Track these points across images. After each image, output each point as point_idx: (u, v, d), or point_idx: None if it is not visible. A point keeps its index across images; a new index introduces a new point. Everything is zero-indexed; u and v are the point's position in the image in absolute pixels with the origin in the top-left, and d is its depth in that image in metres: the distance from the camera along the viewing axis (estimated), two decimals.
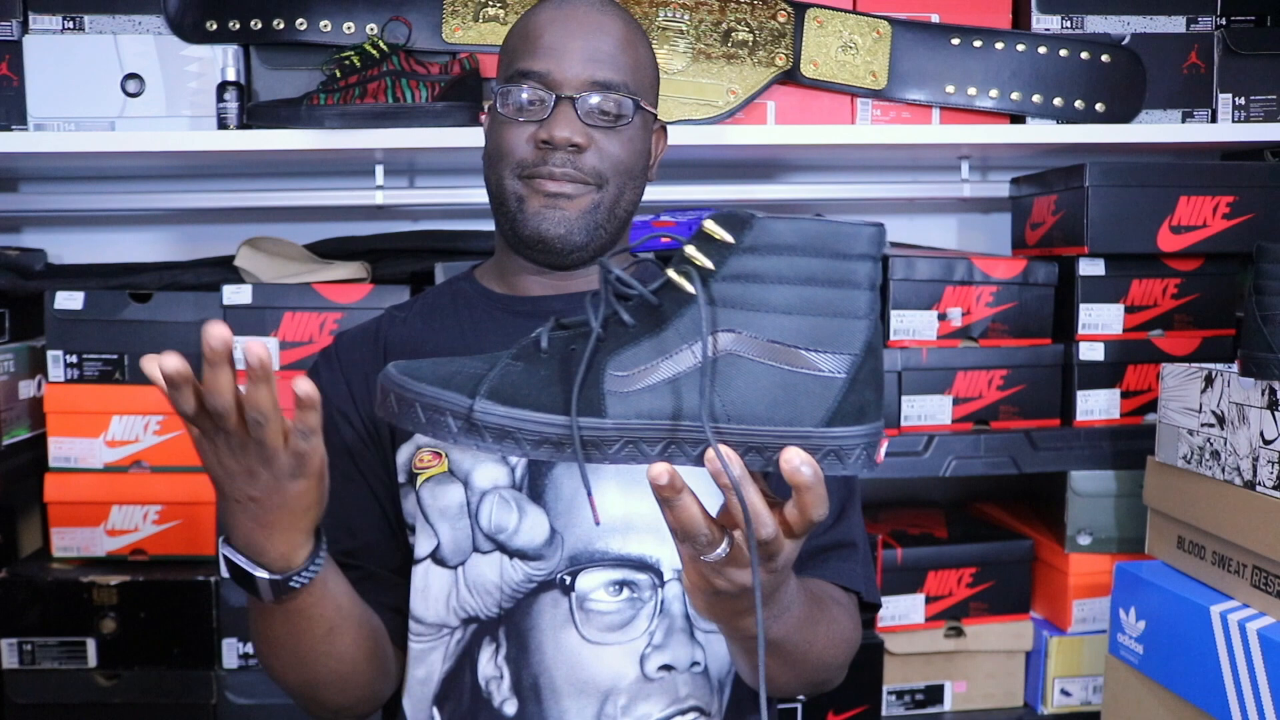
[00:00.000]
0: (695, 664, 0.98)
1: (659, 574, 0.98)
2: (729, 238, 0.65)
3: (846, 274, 0.65)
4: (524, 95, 1.00)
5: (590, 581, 0.97)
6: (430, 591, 1.00)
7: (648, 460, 0.67)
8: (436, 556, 0.99)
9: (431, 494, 0.99)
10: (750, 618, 0.75)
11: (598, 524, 0.93)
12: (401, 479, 1.03)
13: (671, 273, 0.66)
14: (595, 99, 0.99)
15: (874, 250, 0.66)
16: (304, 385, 0.71)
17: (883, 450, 0.68)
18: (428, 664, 1.00)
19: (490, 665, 0.98)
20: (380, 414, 0.72)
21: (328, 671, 0.92)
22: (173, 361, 0.69)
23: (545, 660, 0.97)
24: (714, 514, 0.69)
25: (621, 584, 0.97)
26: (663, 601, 0.97)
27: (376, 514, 1.04)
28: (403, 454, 1.02)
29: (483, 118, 1.10)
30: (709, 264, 0.65)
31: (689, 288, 0.65)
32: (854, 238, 0.65)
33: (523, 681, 0.97)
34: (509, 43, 1.05)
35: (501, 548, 0.97)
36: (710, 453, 0.65)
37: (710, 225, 0.65)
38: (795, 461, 0.64)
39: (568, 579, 0.97)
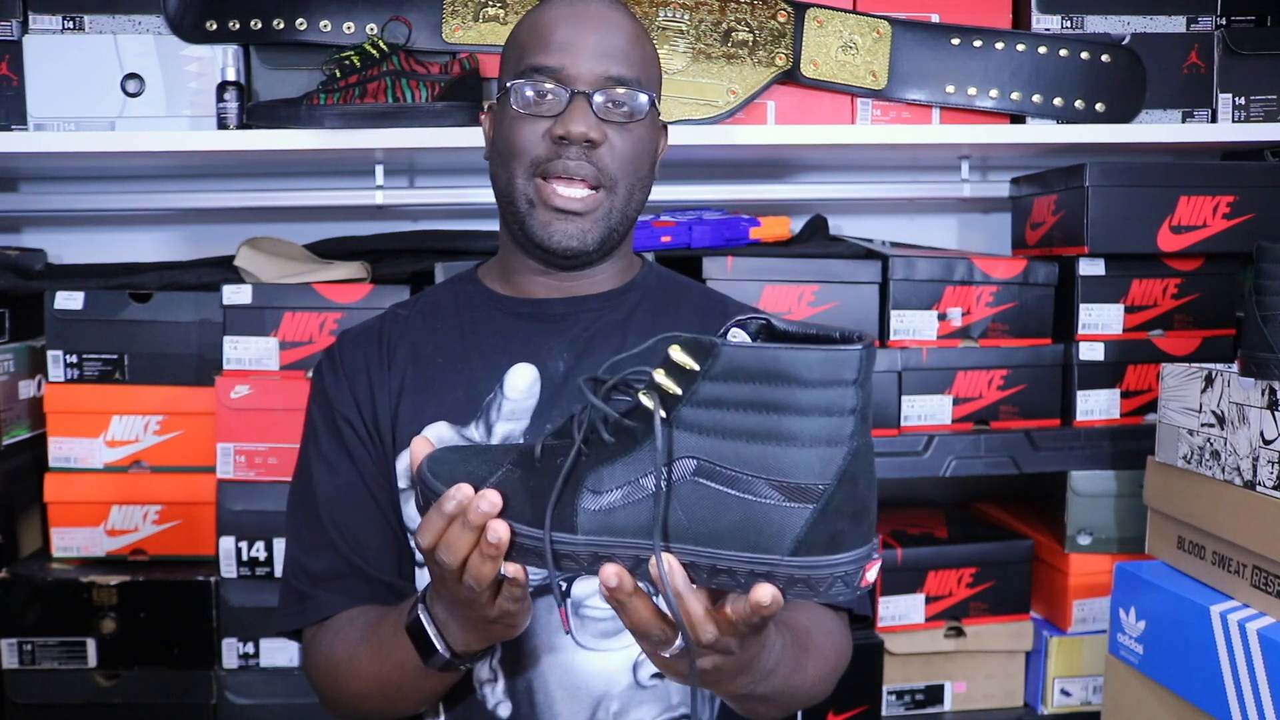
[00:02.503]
0: None
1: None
2: (694, 364, 0.65)
3: (824, 404, 0.63)
4: (538, 91, 0.99)
5: (586, 588, 0.97)
6: None
7: None
8: None
9: None
10: (730, 684, 0.78)
11: (567, 632, 0.96)
12: (403, 484, 1.02)
13: (642, 397, 0.67)
14: (611, 95, 0.99)
15: (856, 375, 0.63)
16: (511, 568, 0.74)
17: (871, 573, 0.66)
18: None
19: (484, 668, 0.98)
20: (417, 504, 0.78)
21: (408, 708, 0.98)
22: (477, 500, 0.73)
23: (539, 665, 0.97)
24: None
25: None
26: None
27: (379, 521, 1.04)
28: (403, 460, 1.02)
29: (482, 117, 1.09)
30: (676, 389, 0.65)
31: (652, 410, 0.67)
32: (830, 365, 0.63)
33: (516, 685, 0.97)
34: (517, 38, 1.04)
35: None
36: (653, 560, 0.66)
37: (676, 352, 0.66)
38: (764, 598, 0.65)
39: (563, 585, 0.97)
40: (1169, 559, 1.42)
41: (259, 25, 1.55)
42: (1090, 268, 1.61)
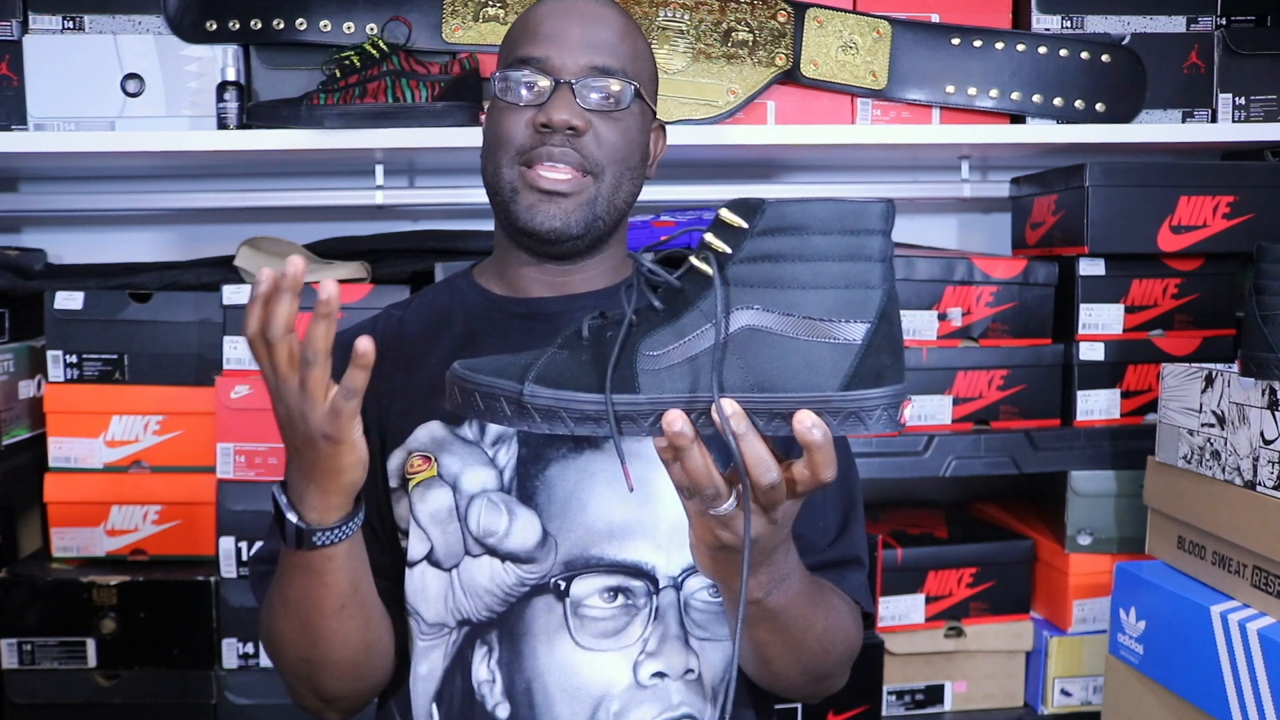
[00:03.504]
0: (689, 671, 0.98)
1: (654, 581, 0.97)
2: (742, 223, 0.70)
3: (857, 249, 0.69)
4: (522, 80, 1.00)
5: (585, 587, 0.97)
6: (429, 593, 0.99)
7: None
8: (431, 559, 0.99)
9: (422, 498, 0.99)
10: (751, 578, 0.79)
11: (631, 490, 0.90)
12: (394, 484, 1.02)
13: (693, 259, 0.72)
14: (594, 84, 0.99)
15: (883, 225, 0.70)
16: (364, 343, 0.76)
17: (906, 412, 0.73)
18: (430, 661, 1.00)
19: (483, 668, 0.98)
20: (449, 406, 0.77)
21: (330, 652, 0.93)
22: (279, 271, 0.75)
23: (538, 665, 0.97)
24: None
25: (616, 590, 0.97)
26: (657, 609, 0.97)
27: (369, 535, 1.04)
28: (395, 460, 1.02)
29: (483, 117, 1.10)
30: (726, 248, 0.70)
31: (708, 270, 0.71)
32: (862, 215, 0.69)
33: (515, 686, 0.97)
34: (509, 36, 1.05)
35: (492, 551, 0.97)
36: (713, 408, 0.69)
37: (725, 213, 0.71)
38: (807, 423, 0.69)
39: (562, 584, 0.96)
40: (1169, 559, 1.42)
41: (259, 25, 1.55)
42: (1090, 268, 1.61)
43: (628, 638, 0.96)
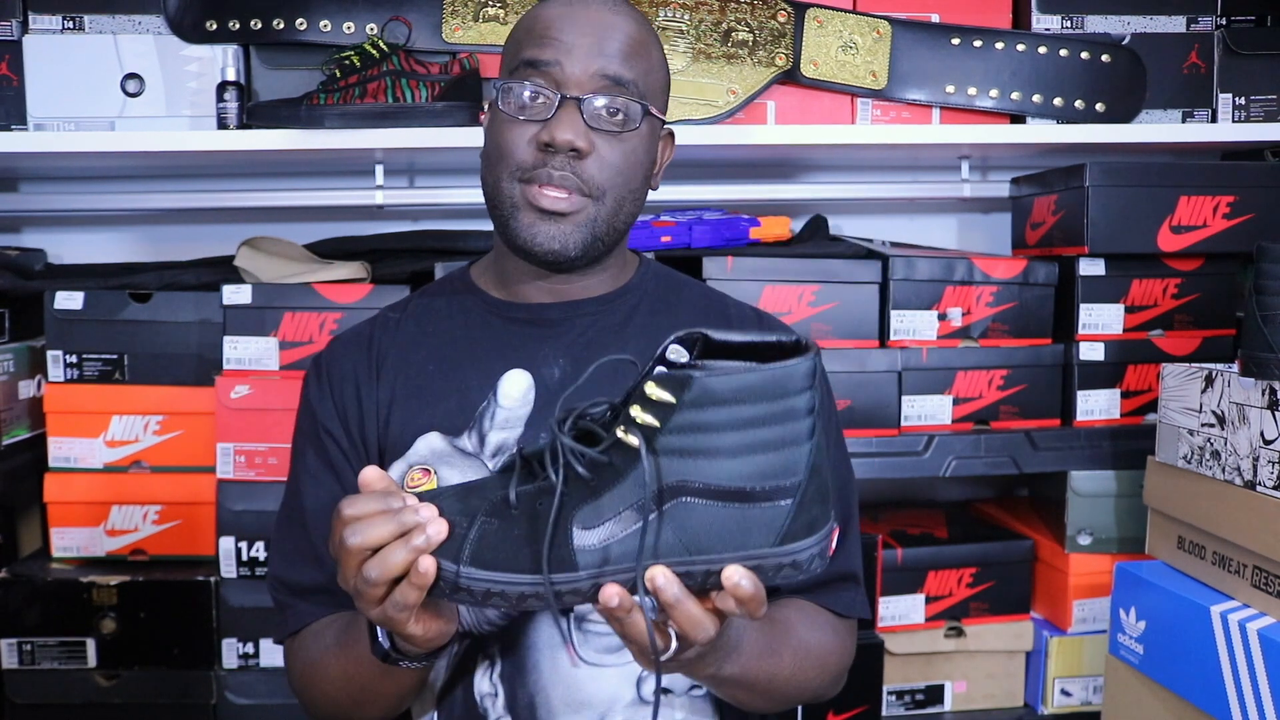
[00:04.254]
0: (694, 687, 0.97)
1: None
2: (670, 398, 0.69)
3: (786, 412, 0.70)
4: (527, 93, 0.95)
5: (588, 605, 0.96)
6: None
7: None
8: None
9: None
10: (701, 670, 0.83)
11: (574, 666, 0.95)
12: None
13: (620, 433, 0.71)
14: (602, 101, 0.95)
15: (810, 381, 0.70)
16: (425, 562, 0.72)
17: (834, 540, 0.75)
18: (434, 670, 0.99)
19: (485, 681, 0.97)
20: None
21: (375, 713, 0.97)
22: (423, 540, 0.73)
23: (541, 680, 0.96)
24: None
25: None
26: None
27: None
28: (394, 472, 0.99)
29: (482, 117, 1.07)
30: (654, 421, 0.70)
31: (634, 444, 0.70)
32: (789, 378, 0.69)
33: (518, 700, 0.96)
34: (515, 35, 1.01)
35: None
36: (639, 586, 0.71)
37: (651, 388, 0.70)
38: (734, 577, 0.70)
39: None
40: (1169, 559, 1.42)
41: (259, 25, 1.55)
42: (1090, 268, 1.61)
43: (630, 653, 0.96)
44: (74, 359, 1.56)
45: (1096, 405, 1.62)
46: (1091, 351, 1.61)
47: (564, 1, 0.98)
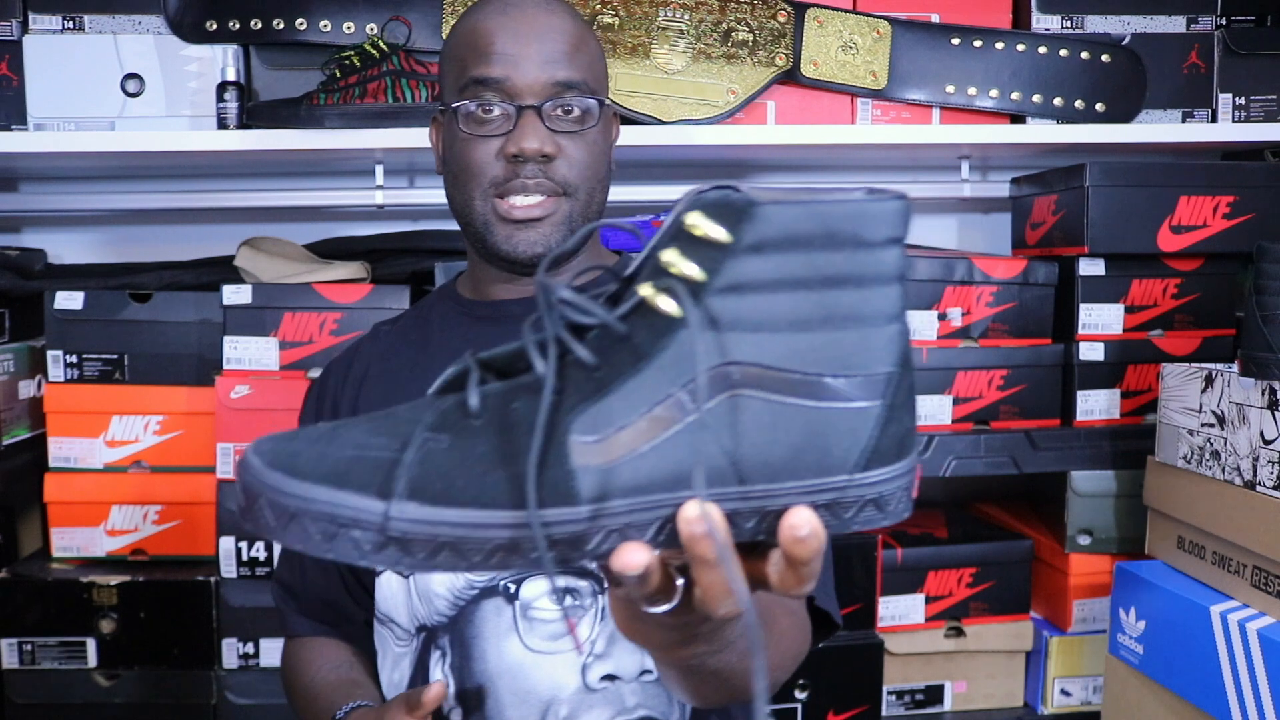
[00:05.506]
0: (646, 673, 0.95)
1: (599, 580, 0.95)
2: (725, 235, 0.48)
3: (874, 267, 0.49)
4: (484, 109, 0.97)
5: (535, 589, 0.95)
6: (396, 599, 1.00)
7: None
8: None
9: None
10: (684, 649, 0.59)
11: (580, 653, 0.93)
12: None
13: (646, 289, 0.49)
14: (559, 104, 0.97)
15: (901, 230, 0.50)
16: (436, 688, 0.86)
17: (917, 483, 0.54)
18: (400, 669, 1.01)
19: (438, 673, 0.97)
20: (248, 528, 0.49)
21: None
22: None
23: (488, 669, 0.95)
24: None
25: (564, 591, 0.95)
26: (604, 609, 0.94)
27: (334, 580, 1.08)
28: None
29: (430, 131, 1.07)
30: (699, 274, 0.48)
31: (673, 309, 0.48)
32: (877, 217, 0.49)
33: (467, 690, 0.96)
34: (455, 52, 1.01)
35: None
36: (689, 516, 0.47)
37: (695, 219, 0.48)
38: (802, 530, 0.48)
39: (512, 587, 0.95)
40: (1169, 559, 1.42)
41: (259, 25, 1.55)
42: (1090, 268, 1.61)
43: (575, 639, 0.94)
44: (74, 359, 1.56)
45: (1096, 405, 1.62)
46: (1091, 351, 1.61)
47: (498, 10, 0.99)
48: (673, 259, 0.49)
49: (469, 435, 0.49)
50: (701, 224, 0.48)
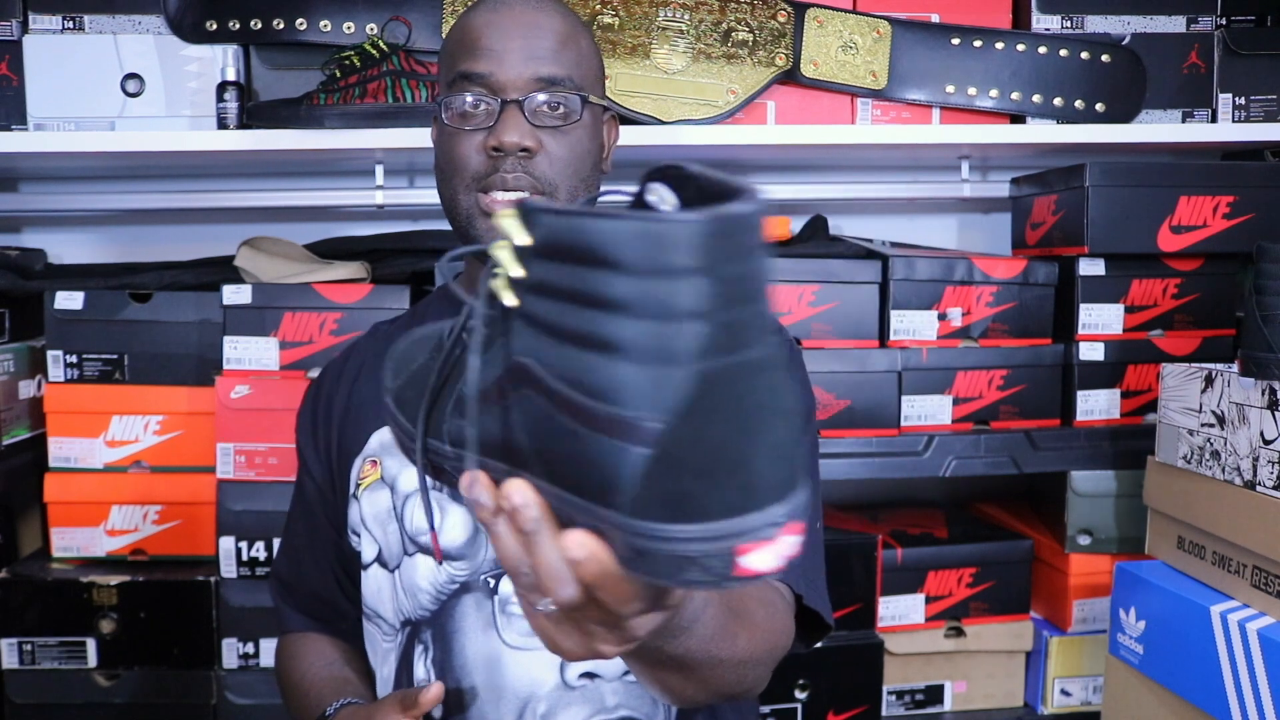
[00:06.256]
0: (628, 673, 0.94)
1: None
2: (527, 237, 0.47)
3: (647, 297, 0.42)
4: (468, 102, 0.97)
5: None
6: (382, 594, 1.00)
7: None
8: (380, 560, 1.01)
9: (369, 501, 1.01)
10: (612, 645, 0.55)
11: (439, 563, 0.94)
12: (352, 490, 1.04)
13: (497, 280, 0.51)
14: (541, 98, 0.97)
15: (692, 260, 0.41)
16: (435, 689, 0.90)
17: (758, 557, 0.44)
18: (389, 664, 1.01)
19: (420, 668, 0.97)
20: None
21: None
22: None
23: (467, 664, 0.95)
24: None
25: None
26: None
27: (329, 578, 1.10)
28: (355, 468, 1.05)
29: (432, 132, 1.08)
30: (520, 270, 0.48)
31: (505, 298, 0.50)
32: (650, 240, 0.42)
33: (447, 685, 0.96)
34: (447, 48, 1.02)
35: (425, 549, 0.97)
36: (510, 488, 0.48)
37: (506, 218, 0.48)
38: (575, 549, 0.47)
39: (491, 581, 0.95)
40: (1169, 559, 1.42)
41: (259, 25, 1.55)
42: (1090, 268, 1.61)
43: None
44: (74, 359, 1.56)
45: (1096, 405, 1.62)
46: (1091, 351, 1.61)
47: (489, 8, 1.00)
48: (500, 252, 0.50)
49: (428, 367, 0.62)
50: (509, 224, 0.48)
